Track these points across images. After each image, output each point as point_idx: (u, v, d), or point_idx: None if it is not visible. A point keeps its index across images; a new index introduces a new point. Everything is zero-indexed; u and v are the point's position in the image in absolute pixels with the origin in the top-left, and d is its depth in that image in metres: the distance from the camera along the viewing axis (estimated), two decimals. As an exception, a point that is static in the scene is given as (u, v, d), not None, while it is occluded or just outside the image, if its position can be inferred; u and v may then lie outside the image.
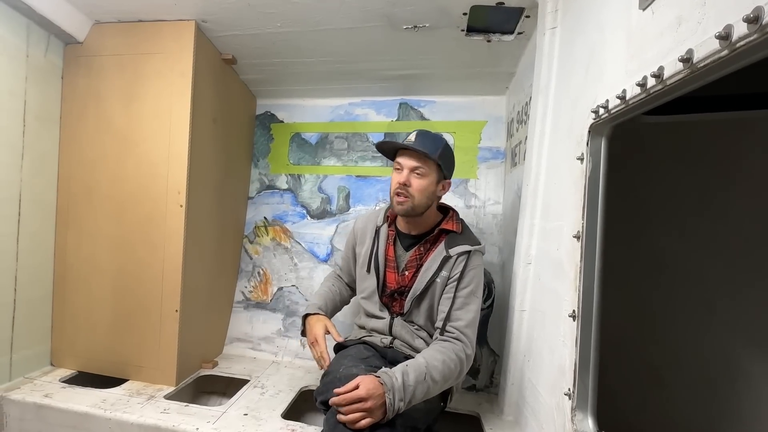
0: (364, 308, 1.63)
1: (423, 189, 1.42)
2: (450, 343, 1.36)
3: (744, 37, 0.60)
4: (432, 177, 1.44)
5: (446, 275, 1.44)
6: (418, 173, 1.42)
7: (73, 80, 1.81)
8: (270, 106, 2.45)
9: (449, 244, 1.47)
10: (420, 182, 1.42)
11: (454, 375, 1.32)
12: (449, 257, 1.44)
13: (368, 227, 1.62)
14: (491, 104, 2.20)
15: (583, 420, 1.04)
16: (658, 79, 0.79)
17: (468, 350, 1.37)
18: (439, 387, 1.29)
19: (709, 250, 1.77)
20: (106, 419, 1.50)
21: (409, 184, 1.42)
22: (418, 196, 1.42)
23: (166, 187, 1.72)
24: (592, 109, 1.06)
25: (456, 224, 1.52)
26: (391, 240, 1.56)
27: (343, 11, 1.62)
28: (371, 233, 1.60)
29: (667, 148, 1.83)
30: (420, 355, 1.32)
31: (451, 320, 1.40)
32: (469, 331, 1.39)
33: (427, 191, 1.43)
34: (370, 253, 1.57)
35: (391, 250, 1.55)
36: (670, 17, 0.79)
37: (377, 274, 1.54)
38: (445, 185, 1.50)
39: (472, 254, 1.46)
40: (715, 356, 1.76)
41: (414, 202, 1.43)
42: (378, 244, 1.56)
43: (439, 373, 1.27)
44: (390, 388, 1.18)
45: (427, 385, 1.24)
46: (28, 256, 1.70)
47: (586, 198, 1.08)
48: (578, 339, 1.06)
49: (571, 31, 1.34)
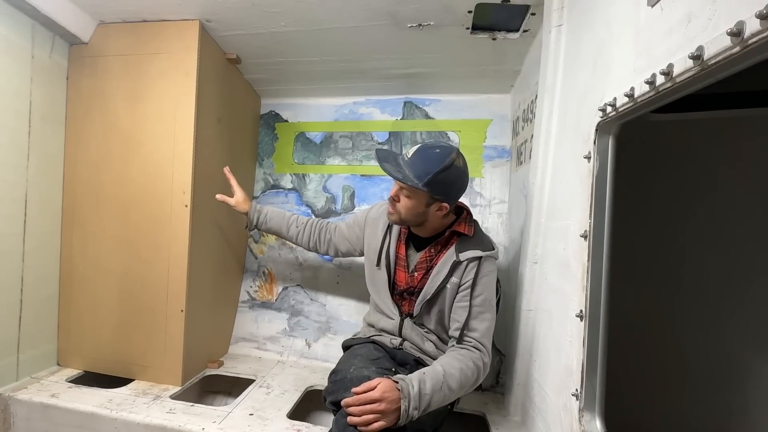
0: (374, 302, 1.61)
1: (408, 209, 1.38)
2: (468, 351, 1.35)
3: (756, 34, 0.59)
4: (419, 200, 1.36)
5: (457, 281, 1.40)
6: (404, 194, 1.37)
7: (78, 80, 1.82)
8: (274, 105, 2.45)
9: (460, 248, 1.42)
10: (405, 201, 1.37)
11: (470, 383, 1.31)
12: (459, 262, 1.40)
13: (381, 219, 1.58)
14: (496, 102, 2.18)
15: (591, 420, 1.04)
16: (667, 77, 0.78)
17: (485, 359, 1.35)
18: (455, 395, 1.28)
19: (718, 249, 1.76)
20: (112, 419, 1.50)
21: (397, 200, 1.39)
22: (405, 213, 1.39)
23: (171, 187, 1.73)
24: (599, 107, 1.05)
25: (468, 227, 1.46)
26: (403, 239, 1.54)
27: (347, 10, 1.61)
28: (383, 226, 1.57)
29: (674, 146, 1.82)
30: (437, 363, 1.30)
31: (468, 330, 1.38)
32: (485, 341, 1.38)
33: (414, 211, 1.38)
34: (381, 247, 1.55)
35: (402, 249, 1.53)
36: (679, 14, 0.77)
37: (388, 271, 1.53)
38: (442, 207, 1.38)
39: (484, 260, 1.42)
40: (723, 356, 1.74)
41: (401, 217, 1.41)
42: (390, 240, 1.54)
43: (456, 381, 1.26)
44: (406, 396, 1.16)
45: (443, 393, 1.23)
46: (35, 257, 1.71)
47: (594, 197, 1.07)
48: (585, 339, 1.05)
49: (578, 29, 1.33)
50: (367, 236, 1.63)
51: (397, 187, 1.39)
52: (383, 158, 1.40)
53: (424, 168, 1.30)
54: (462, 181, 1.39)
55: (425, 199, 1.35)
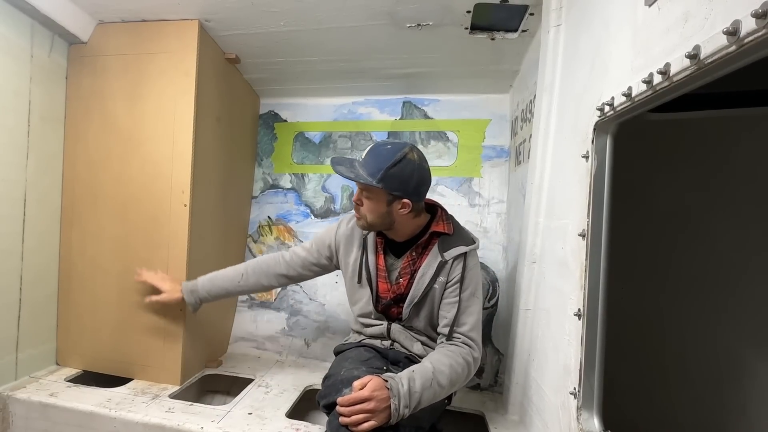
0: (360, 321, 1.58)
1: (371, 210, 1.37)
2: (457, 347, 1.34)
3: (752, 33, 0.59)
4: (379, 199, 1.34)
5: (444, 280, 1.40)
6: (365, 195, 1.37)
7: (78, 80, 1.82)
8: (274, 105, 2.45)
9: (443, 247, 1.41)
10: (368, 204, 1.37)
11: (461, 379, 1.31)
12: (445, 262, 1.40)
13: (355, 234, 1.54)
14: (495, 102, 2.19)
15: (589, 419, 1.04)
16: (664, 76, 0.78)
17: (475, 353, 1.35)
18: (446, 391, 1.28)
19: (715, 248, 1.76)
20: (111, 418, 1.50)
21: (361, 203, 1.39)
22: (370, 216, 1.38)
23: (170, 187, 1.73)
24: (597, 107, 1.05)
25: (446, 224, 1.45)
26: (380, 249, 1.50)
27: (346, 10, 1.62)
28: (359, 241, 1.52)
29: (672, 146, 1.82)
30: (427, 360, 1.31)
31: (457, 325, 1.38)
32: (474, 334, 1.38)
33: (377, 212, 1.36)
34: (360, 262, 1.51)
35: (381, 260, 1.49)
36: (676, 13, 0.78)
37: (370, 285, 1.49)
38: (405, 204, 1.35)
39: (468, 254, 1.42)
40: (721, 355, 1.75)
41: (368, 221, 1.39)
42: (367, 254, 1.50)
43: (446, 378, 1.26)
44: (396, 394, 1.16)
45: (433, 390, 1.23)
46: (34, 256, 1.71)
47: (592, 196, 1.07)
48: (584, 338, 1.06)
49: (576, 29, 1.33)
50: (342, 255, 1.57)
51: (359, 190, 1.38)
52: (338, 162, 1.38)
53: (376, 164, 1.30)
54: (420, 175, 1.35)
55: (384, 197, 1.33)
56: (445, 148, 2.21)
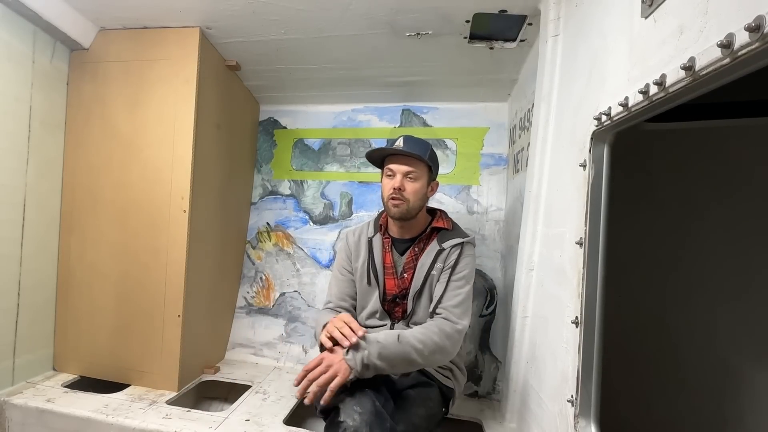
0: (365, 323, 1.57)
1: (416, 191, 1.47)
2: (432, 321, 1.39)
3: (745, 46, 0.60)
4: (424, 179, 1.49)
5: (441, 266, 1.48)
6: (411, 177, 1.46)
7: (79, 86, 1.83)
8: (273, 112, 2.46)
9: (442, 239, 1.51)
10: (413, 185, 1.47)
11: (438, 346, 1.30)
12: (443, 250, 1.49)
13: (361, 240, 1.62)
14: (493, 111, 2.20)
15: (586, 427, 1.04)
16: (660, 87, 0.79)
17: (454, 322, 1.36)
18: (419, 354, 1.27)
19: (712, 255, 1.77)
20: (108, 424, 1.50)
21: (404, 188, 1.46)
22: (413, 198, 1.46)
23: (170, 193, 1.73)
24: (594, 116, 1.06)
25: (446, 222, 1.57)
26: (387, 248, 1.57)
27: (346, 19, 1.63)
28: (365, 246, 1.60)
29: (668, 155, 1.84)
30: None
31: (440, 303, 1.42)
32: (456, 309, 1.40)
33: (420, 193, 1.48)
34: (367, 264, 1.57)
35: (388, 258, 1.56)
36: (672, 25, 0.79)
37: (378, 283, 1.54)
38: (434, 186, 1.57)
39: (465, 245, 1.51)
40: (718, 362, 1.75)
41: (409, 205, 1.47)
42: (373, 255, 1.57)
43: (415, 338, 1.28)
44: (346, 347, 1.20)
45: (401, 346, 1.25)
46: (32, 261, 1.71)
47: (589, 204, 1.08)
48: (581, 345, 1.06)
49: (574, 39, 1.35)
50: (354, 261, 1.62)
51: (401, 175, 1.46)
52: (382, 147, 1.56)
53: (421, 147, 1.48)
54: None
55: (427, 177, 1.50)
56: (443, 156, 2.22)
